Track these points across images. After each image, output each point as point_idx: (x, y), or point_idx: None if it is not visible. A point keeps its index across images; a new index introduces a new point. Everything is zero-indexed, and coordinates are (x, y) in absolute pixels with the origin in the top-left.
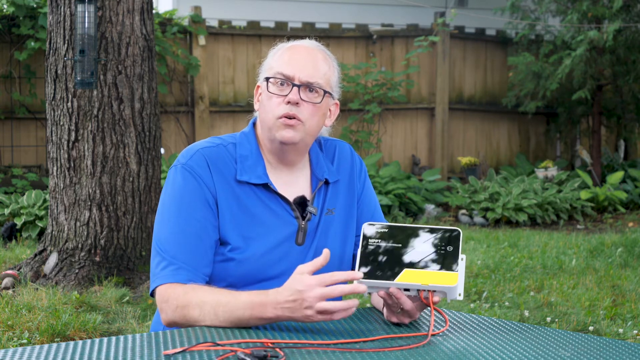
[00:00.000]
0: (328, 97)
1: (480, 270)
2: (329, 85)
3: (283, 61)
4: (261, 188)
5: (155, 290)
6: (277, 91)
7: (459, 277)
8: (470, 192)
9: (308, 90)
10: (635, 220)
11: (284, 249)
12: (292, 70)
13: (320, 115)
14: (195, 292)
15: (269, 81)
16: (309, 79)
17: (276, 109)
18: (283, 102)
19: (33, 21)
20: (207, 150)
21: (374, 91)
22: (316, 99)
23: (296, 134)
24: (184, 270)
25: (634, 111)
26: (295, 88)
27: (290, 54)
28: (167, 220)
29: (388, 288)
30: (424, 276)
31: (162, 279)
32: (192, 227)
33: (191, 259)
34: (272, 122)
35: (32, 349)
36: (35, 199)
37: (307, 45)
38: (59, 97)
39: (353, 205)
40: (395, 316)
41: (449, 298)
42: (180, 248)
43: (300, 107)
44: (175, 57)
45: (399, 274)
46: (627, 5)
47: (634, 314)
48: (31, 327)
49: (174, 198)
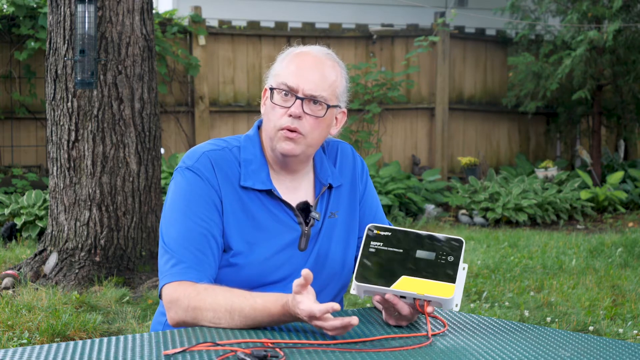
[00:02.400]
0: (332, 109)
1: (480, 270)
2: (334, 96)
3: (289, 71)
4: (265, 194)
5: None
6: (281, 102)
7: (456, 289)
8: (470, 192)
9: (312, 102)
10: (635, 220)
11: (287, 254)
12: (297, 81)
13: (323, 128)
14: (208, 293)
15: (273, 91)
16: (313, 92)
17: (278, 120)
18: (285, 114)
19: (33, 21)
20: (213, 154)
21: (374, 91)
22: (319, 112)
23: (297, 147)
24: (193, 269)
25: (634, 111)
26: (298, 101)
27: (296, 64)
28: (174, 221)
29: (384, 294)
30: (421, 285)
31: (172, 276)
32: (200, 227)
33: (199, 258)
34: (274, 132)
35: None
36: (35, 199)
37: (316, 54)
38: (59, 97)
39: (355, 207)
40: (392, 319)
41: (445, 309)
42: (188, 248)
43: (302, 121)
44: (175, 57)
45: (396, 281)
46: (627, 5)
47: (634, 314)
48: (31, 327)
49: (182, 198)
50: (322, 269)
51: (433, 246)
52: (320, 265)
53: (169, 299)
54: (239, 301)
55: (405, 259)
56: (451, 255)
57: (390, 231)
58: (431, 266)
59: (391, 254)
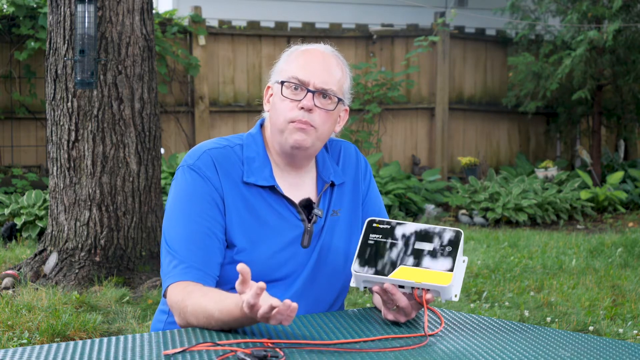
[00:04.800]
0: (340, 103)
1: (480, 270)
2: (341, 92)
3: (298, 65)
4: (268, 190)
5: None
6: (291, 95)
7: (454, 277)
8: (470, 192)
9: (322, 96)
10: (635, 220)
11: (290, 251)
12: (308, 75)
13: (332, 122)
14: (190, 298)
15: (283, 85)
16: (324, 85)
17: (289, 113)
18: (296, 107)
19: (33, 21)
20: (215, 152)
21: (374, 91)
22: (329, 105)
23: (308, 138)
24: (195, 269)
25: (634, 111)
26: (309, 94)
27: (305, 58)
28: (176, 220)
29: (382, 284)
30: (419, 274)
31: (174, 277)
32: (201, 226)
33: (201, 258)
34: (284, 125)
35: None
36: (35, 199)
37: (323, 50)
38: (59, 97)
39: (358, 207)
40: (391, 313)
41: (443, 298)
42: (190, 248)
43: (313, 114)
44: (175, 57)
45: (393, 271)
46: (627, 5)
47: (634, 314)
48: (31, 327)
49: (183, 198)
50: (325, 267)
51: (432, 237)
52: (323, 262)
53: (170, 303)
54: (211, 306)
55: (403, 250)
56: (450, 245)
57: (389, 224)
58: (430, 256)
59: (390, 245)
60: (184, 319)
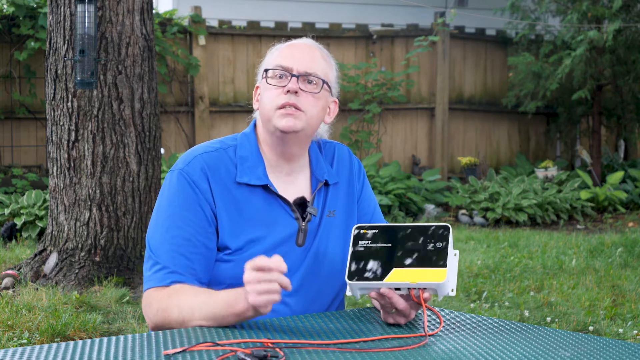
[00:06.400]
0: (327, 90)
1: (480, 270)
2: (327, 79)
3: (282, 55)
4: (261, 189)
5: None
6: (276, 82)
7: (448, 272)
8: (470, 192)
9: (307, 81)
10: (635, 220)
11: (284, 249)
12: (291, 62)
13: (320, 107)
14: (177, 294)
15: (267, 73)
16: (307, 69)
17: (275, 99)
18: (282, 93)
19: (33, 21)
20: (206, 156)
21: (374, 91)
22: (315, 89)
23: (297, 121)
24: (176, 274)
25: (634, 111)
26: (294, 78)
27: (289, 49)
28: (160, 225)
29: (379, 289)
30: (413, 274)
31: (153, 282)
32: (184, 232)
33: (183, 263)
34: (272, 112)
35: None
36: (35, 199)
37: (306, 42)
38: (59, 97)
39: (353, 207)
40: (390, 317)
41: (440, 295)
42: (172, 253)
43: (299, 97)
44: (175, 57)
45: (388, 274)
46: (627, 5)
47: (634, 314)
48: (31, 327)
49: (169, 203)
50: (322, 267)
51: (420, 235)
52: (320, 263)
53: (144, 304)
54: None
55: (394, 252)
56: (440, 241)
57: (376, 229)
58: (421, 255)
59: (380, 249)
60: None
